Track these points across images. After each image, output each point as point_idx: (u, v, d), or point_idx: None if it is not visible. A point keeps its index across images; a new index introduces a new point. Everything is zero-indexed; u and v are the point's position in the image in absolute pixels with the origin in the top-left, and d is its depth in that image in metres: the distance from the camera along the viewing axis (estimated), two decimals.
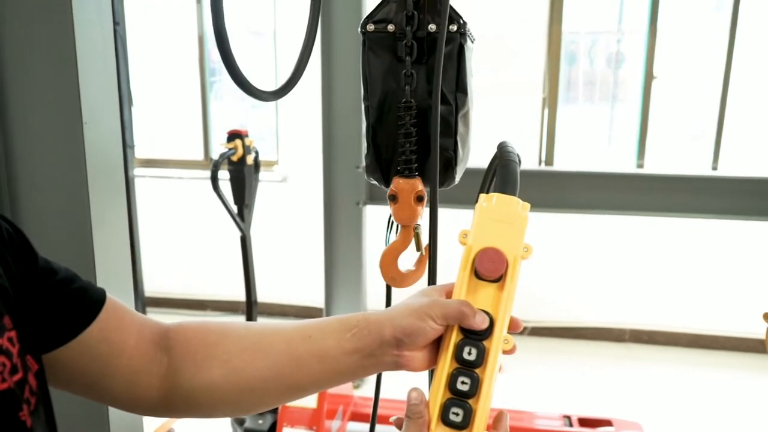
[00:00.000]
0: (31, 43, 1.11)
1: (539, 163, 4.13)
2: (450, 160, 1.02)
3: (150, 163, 4.56)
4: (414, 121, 0.97)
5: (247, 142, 2.73)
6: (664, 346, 4.12)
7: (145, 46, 4.39)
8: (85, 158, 1.07)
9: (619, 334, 4.19)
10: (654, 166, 4.08)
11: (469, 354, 0.67)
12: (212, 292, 4.61)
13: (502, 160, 0.82)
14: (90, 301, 0.69)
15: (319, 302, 3.53)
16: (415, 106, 0.97)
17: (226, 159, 2.69)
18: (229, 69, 0.76)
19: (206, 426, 2.76)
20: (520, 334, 0.76)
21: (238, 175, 2.75)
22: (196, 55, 4.47)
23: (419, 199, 1.00)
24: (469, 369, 0.67)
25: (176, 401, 0.74)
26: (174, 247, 4.55)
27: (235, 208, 2.82)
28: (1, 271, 0.60)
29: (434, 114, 0.92)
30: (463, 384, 0.66)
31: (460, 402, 0.66)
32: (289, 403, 2.38)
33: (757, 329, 1.94)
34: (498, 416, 0.67)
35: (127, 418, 1.23)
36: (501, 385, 0.72)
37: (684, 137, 4.17)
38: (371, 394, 1.92)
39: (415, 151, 0.99)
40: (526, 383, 3.49)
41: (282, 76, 4.30)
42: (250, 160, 2.76)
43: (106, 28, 1.18)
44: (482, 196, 0.78)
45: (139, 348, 0.73)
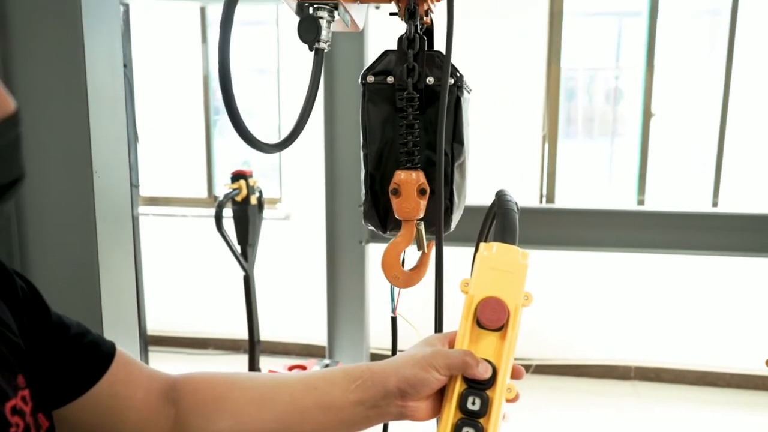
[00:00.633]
0: (43, 92, 1.15)
1: (540, 201, 4.15)
2: (447, 209, 1.04)
3: (154, 201, 4.60)
4: (416, 113, 0.98)
5: (252, 182, 2.77)
6: (670, 384, 4.08)
7: (150, 84, 4.47)
8: (94, 207, 1.09)
9: (625, 371, 4.16)
10: (655, 202, 4.11)
11: (473, 404, 0.68)
12: (214, 331, 4.60)
13: (501, 208, 0.84)
14: (100, 356, 0.70)
15: (322, 340, 3.52)
16: (417, 96, 0.98)
17: (230, 199, 2.72)
18: (234, 124, 0.78)
19: None
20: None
21: (242, 215, 2.78)
22: (201, 94, 4.55)
23: (422, 192, 0.99)
24: (474, 419, 0.68)
25: None
26: (176, 285, 4.56)
27: (238, 248, 2.84)
28: (16, 329, 0.61)
29: (438, 167, 0.94)
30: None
31: None
32: None
33: (763, 366, 1.94)
34: None
35: None
36: (506, 427, 0.73)
37: (684, 173, 4.20)
38: None
39: (417, 143, 0.99)
40: (531, 422, 3.45)
41: (285, 112, 4.36)
42: (254, 199, 2.79)
43: (117, 78, 1.21)
44: (482, 245, 0.79)
45: (147, 401, 0.74)
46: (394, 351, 1.26)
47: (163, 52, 4.57)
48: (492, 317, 0.71)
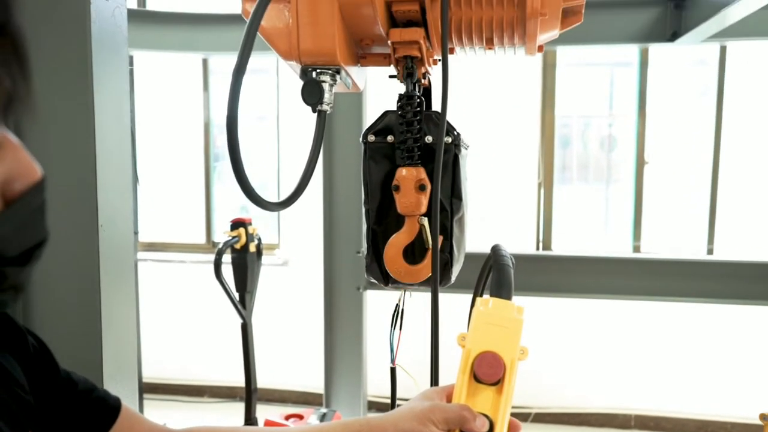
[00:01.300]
0: (52, 146, 1.18)
1: (537, 247, 4.18)
2: (446, 262, 1.06)
3: (152, 247, 4.61)
4: (416, 111, 1.00)
5: (251, 230, 2.79)
6: None
7: (151, 130, 4.54)
8: (98, 260, 1.11)
9: (625, 420, 4.11)
10: (651, 247, 4.13)
11: None
12: (210, 378, 4.55)
13: (497, 263, 0.86)
14: (106, 412, 0.72)
15: (319, 388, 3.49)
16: (416, 96, 1.00)
17: (230, 246, 2.74)
18: (240, 183, 0.81)
19: None
20: (522, 421, 0.78)
21: (241, 262, 2.79)
22: (201, 140, 4.61)
23: (421, 188, 1.00)
24: None
25: None
26: (172, 331, 4.53)
27: (237, 295, 2.84)
28: (27, 386, 0.63)
29: (434, 221, 0.97)
30: None
31: None
32: None
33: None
34: None
35: None
36: None
37: (679, 219, 4.24)
38: None
39: (417, 140, 1.01)
40: None
41: (284, 158, 4.42)
42: (253, 247, 2.81)
43: (124, 133, 1.25)
44: (479, 300, 0.81)
45: None
46: (393, 402, 1.26)
47: (165, 99, 4.66)
48: (489, 372, 0.73)
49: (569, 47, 3.73)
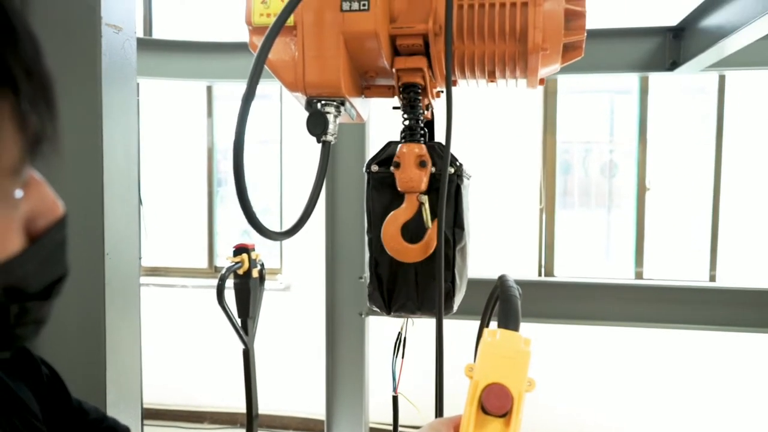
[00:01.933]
0: (59, 175, 1.19)
1: (539, 273, 4.18)
2: (448, 291, 1.07)
3: (155, 271, 4.61)
4: (418, 98, 1.01)
5: (254, 255, 2.79)
6: None
7: (155, 154, 4.57)
8: (104, 287, 1.12)
9: None
10: (653, 273, 4.13)
11: None
12: (211, 404, 4.52)
13: (504, 294, 0.86)
14: None
15: (320, 414, 3.46)
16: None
17: (232, 272, 2.74)
18: (245, 212, 0.82)
19: None
20: None
21: (244, 288, 2.78)
22: (205, 166, 4.64)
23: (422, 164, 1.01)
24: None
25: None
26: (174, 357, 4.51)
27: (239, 321, 2.83)
28: (40, 415, 0.64)
29: (438, 252, 0.98)
30: None
31: None
32: None
33: None
34: None
35: None
36: None
37: (681, 246, 4.25)
38: None
39: (419, 121, 1.02)
40: None
41: (287, 182, 4.44)
42: (256, 273, 2.80)
43: (131, 161, 1.26)
44: (486, 330, 0.82)
45: None
46: (395, 430, 1.26)
47: (169, 124, 4.70)
48: (497, 404, 0.73)
49: (570, 76, 3.77)
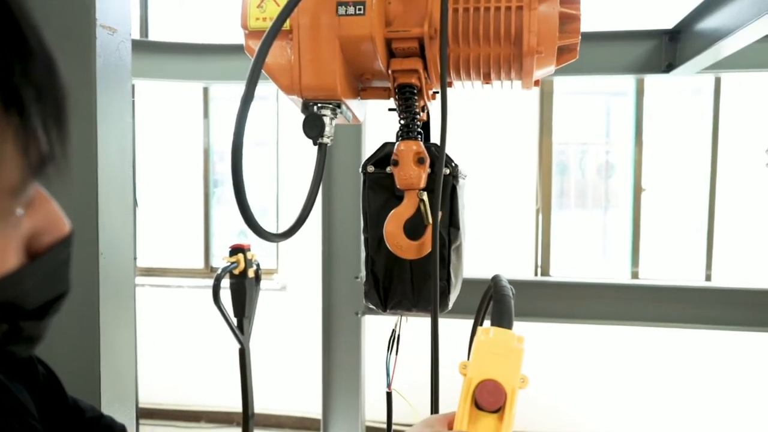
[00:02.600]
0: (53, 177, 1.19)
1: (535, 272, 4.19)
2: (444, 289, 1.08)
3: (150, 272, 4.61)
4: (414, 98, 1.01)
5: (249, 255, 2.80)
6: None
7: (151, 155, 4.57)
8: (98, 287, 1.12)
9: None
10: (649, 273, 4.14)
11: None
12: (207, 403, 4.52)
13: (497, 294, 0.88)
14: None
15: (316, 413, 3.47)
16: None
17: (228, 272, 2.74)
18: (243, 215, 0.82)
19: None
20: None
21: (239, 288, 2.79)
22: (201, 167, 4.64)
23: (420, 161, 1.01)
24: None
25: None
26: (169, 357, 4.51)
27: (234, 321, 2.83)
28: (36, 414, 0.64)
29: (434, 253, 0.99)
30: None
31: None
32: None
33: None
34: None
35: None
36: None
37: (676, 246, 4.26)
38: None
39: (415, 119, 1.02)
40: None
41: (283, 183, 4.44)
42: (252, 273, 2.81)
43: (126, 161, 1.27)
44: (480, 329, 0.83)
45: None
46: (389, 426, 1.27)
47: (165, 125, 4.70)
48: (490, 399, 0.74)
49: (566, 77, 3.78)
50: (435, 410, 1.01)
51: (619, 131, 4.40)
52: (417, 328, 1.44)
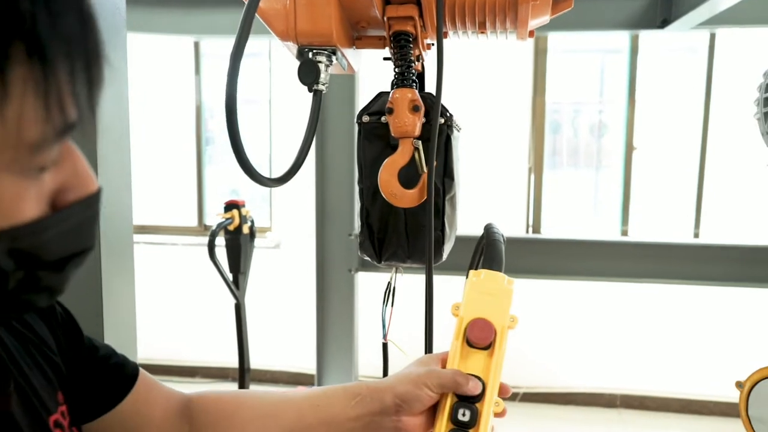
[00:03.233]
0: None
1: (527, 231, 4.23)
2: (438, 239, 1.10)
3: (144, 230, 4.62)
4: (409, 46, 1.01)
5: (244, 211, 2.82)
6: (655, 412, 4.12)
7: (142, 113, 4.52)
8: (99, 243, 1.13)
9: (610, 399, 4.19)
10: (638, 232, 4.19)
11: (464, 415, 0.74)
12: (202, 359, 4.59)
13: (489, 240, 0.91)
14: (125, 376, 0.75)
15: (310, 369, 3.54)
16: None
17: (223, 228, 2.76)
18: (238, 157, 0.82)
19: None
20: (511, 400, 0.82)
21: (234, 244, 2.82)
22: (193, 124, 4.61)
23: (415, 108, 1.01)
24: (464, 430, 0.74)
25: None
26: (164, 314, 4.56)
27: (230, 276, 2.87)
28: (56, 350, 0.67)
29: (429, 202, 1.00)
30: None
31: None
32: None
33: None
34: None
35: None
36: None
37: (666, 204, 4.31)
38: None
39: (410, 68, 1.02)
40: None
41: (276, 141, 4.43)
42: (246, 229, 2.83)
43: (123, 111, 1.26)
44: (472, 272, 0.86)
45: (165, 419, 0.79)
46: (385, 376, 1.30)
47: (156, 82, 4.64)
48: (480, 336, 0.77)
49: (560, 33, 3.75)
50: (429, 351, 1.04)
51: (613, 90, 4.39)
52: (411, 286, 1.47)
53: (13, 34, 0.35)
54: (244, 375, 2.98)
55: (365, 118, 1.09)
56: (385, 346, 1.28)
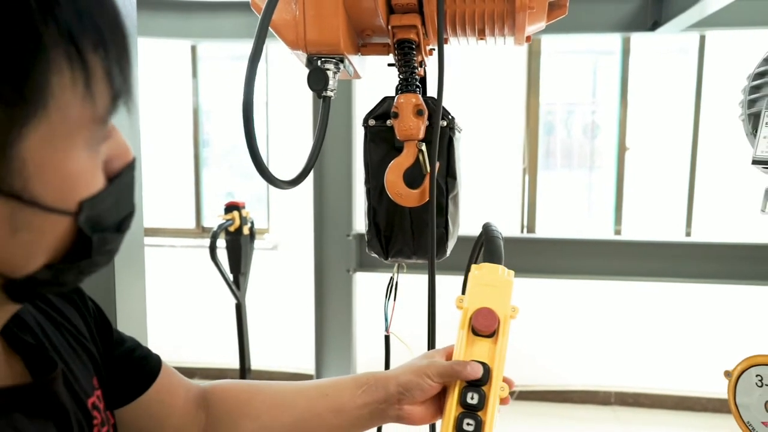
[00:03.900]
0: None
1: (522, 230, 4.28)
2: (442, 237, 1.14)
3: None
4: (412, 53, 1.05)
5: (244, 213, 2.86)
6: (649, 409, 4.18)
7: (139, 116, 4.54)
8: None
9: (605, 397, 4.25)
10: (631, 232, 4.25)
11: (472, 399, 0.79)
12: (200, 360, 4.61)
13: (488, 236, 0.96)
14: (150, 367, 0.80)
15: (309, 369, 3.57)
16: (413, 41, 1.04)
17: (224, 229, 2.80)
18: (254, 160, 0.87)
19: None
20: None
21: (235, 245, 2.86)
22: (191, 127, 4.64)
23: (419, 112, 1.05)
24: (473, 412, 0.79)
25: None
26: (162, 316, 4.58)
27: (231, 277, 2.90)
28: (90, 339, 0.71)
29: (431, 201, 1.05)
30: (468, 425, 0.78)
31: None
32: None
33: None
34: None
35: None
36: None
37: (658, 204, 4.37)
38: None
39: (413, 73, 1.06)
40: None
41: (273, 143, 4.47)
42: (246, 230, 2.87)
43: (134, 113, 1.30)
44: (473, 266, 0.91)
45: (185, 408, 0.83)
46: (387, 368, 1.34)
47: (154, 85, 4.67)
48: (485, 323, 0.83)
49: (554, 36, 3.81)
50: (432, 343, 1.08)
51: (605, 91, 4.45)
52: (413, 286, 1.51)
53: (88, 30, 0.44)
54: (244, 375, 3.02)
55: (371, 122, 1.14)
56: (387, 338, 1.32)
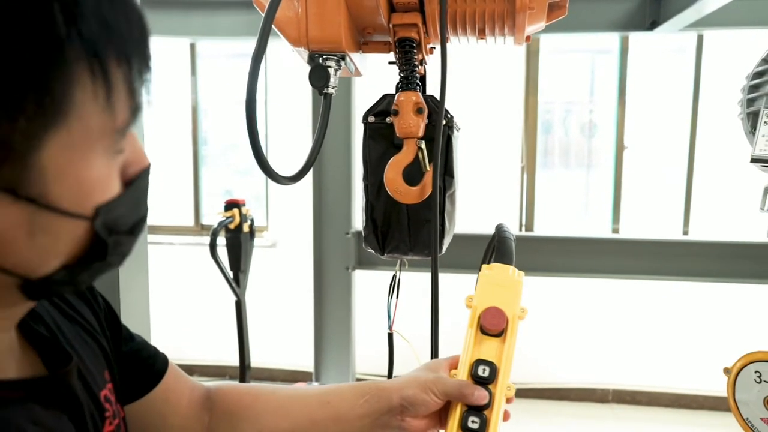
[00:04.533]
0: None
1: (520, 229, 4.29)
2: (438, 233, 1.16)
3: None
4: (413, 51, 1.07)
5: (244, 210, 2.86)
6: (646, 407, 4.20)
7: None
8: None
9: (603, 394, 4.27)
10: (629, 230, 4.27)
11: (473, 423, 0.77)
12: (199, 357, 4.62)
13: (500, 237, 0.97)
14: (157, 366, 0.81)
15: (308, 366, 3.58)
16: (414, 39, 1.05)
17: (224, 227, 2.81)
18: (256, 156, 0.89)
19: None
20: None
21: (235, 242, 2.86)
22: (189, 125, 4.64)
23: (419, 110, 1.07)
24: (479, 412, 0.78)
25: None
26: (161, 313, 4.58)
27: (231, 274, 2.91)
28: (101, 333, 0.72)
29: (433, 196, 1.06)
30: (473, 422, 0.78)
31: None
32: None
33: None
34: None
35: None
36: None
37: (656, 203, 4.38)
38: None
39: (414, 71, 1.08)
40: None
41: (272, 141, 4.47)
42: (246, 227, 2.88)
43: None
44: (484, 265, 0.92)
45: (189, 407, 0.84)
46: (390, 365, 1.35)
47: (152, 83, 4.65)
48: (493, 323, 0.83)
49: (553, 35, 3.82)
50: (435, 350, 1.07)
51: (603, 90, 4.46)
52: (415, 284, 1.52)
53: (113, 44, 0.46)
54: (244, 372, 3.03)
55: (371, 119, 1.15)
56: (391, 336, 1.33)
